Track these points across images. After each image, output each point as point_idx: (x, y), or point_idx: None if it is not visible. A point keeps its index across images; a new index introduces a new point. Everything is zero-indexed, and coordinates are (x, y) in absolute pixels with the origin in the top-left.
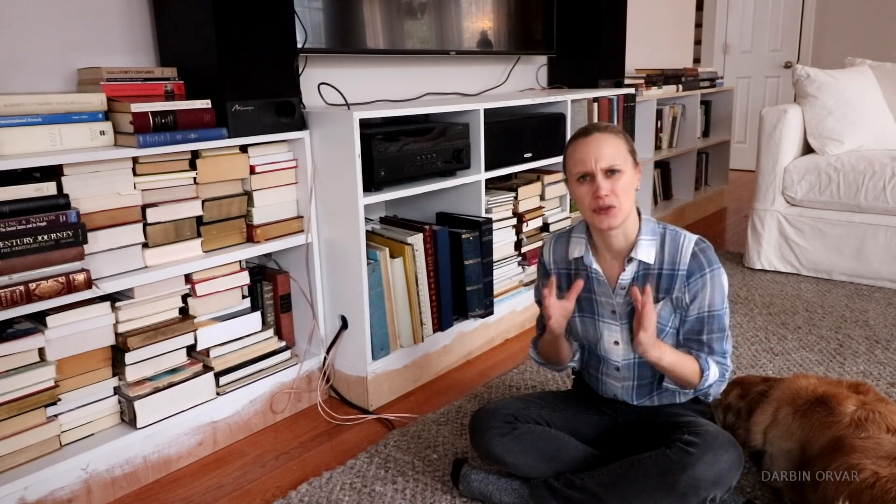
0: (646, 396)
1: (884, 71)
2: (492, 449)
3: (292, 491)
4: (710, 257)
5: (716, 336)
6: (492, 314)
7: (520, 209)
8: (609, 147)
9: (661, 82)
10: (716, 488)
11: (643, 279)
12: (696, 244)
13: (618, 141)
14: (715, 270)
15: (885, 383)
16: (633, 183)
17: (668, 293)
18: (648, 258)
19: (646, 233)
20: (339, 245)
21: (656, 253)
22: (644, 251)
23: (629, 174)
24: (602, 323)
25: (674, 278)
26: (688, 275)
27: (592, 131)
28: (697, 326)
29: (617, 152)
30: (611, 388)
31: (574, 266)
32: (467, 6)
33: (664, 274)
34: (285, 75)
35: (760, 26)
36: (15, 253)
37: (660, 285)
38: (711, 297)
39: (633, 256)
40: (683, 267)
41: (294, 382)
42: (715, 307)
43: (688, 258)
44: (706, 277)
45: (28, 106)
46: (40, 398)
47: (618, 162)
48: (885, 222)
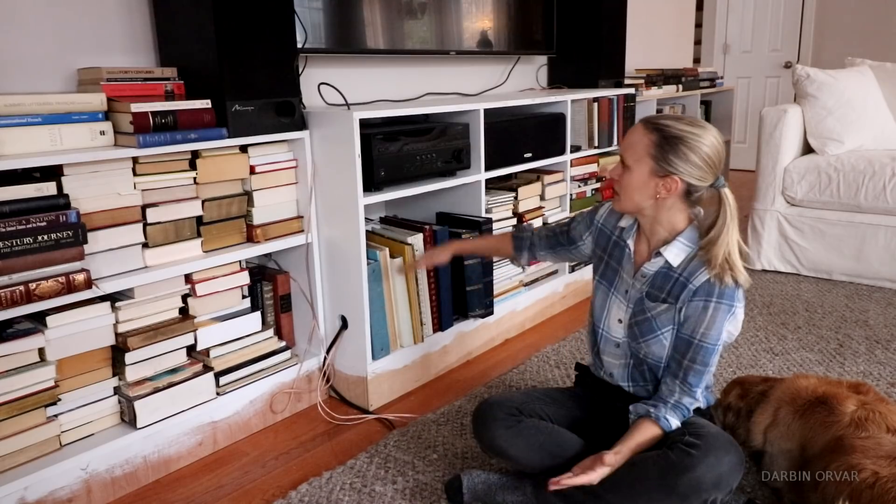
0: (640, 382)
1: (884, 71)
2: (495, 441)
3: (292, 491)
4: (724, 292)
5: (696, 367)
6: (492, 314)
7: (520, 209)
8: (633, 138)
9: (661, 82)
10: (717, 490)
11: (663, 278)
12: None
13: (645, 140)
14: (723, 306)
15: (885, 383)
16: (638, 185)
17: (675, 301)
18: (674, 260)
19: (685, 237)
20: (339, 245)
21: (684, 259)
22: (673, 252)
23: (638, 175)
24: (614, 297)
25: (684, 288)
26: (694, 292)
27: (641, 119)
28: (683, 348)
29: (636, 148)
30: (609, 367)
31: (617, 234)
32: (467, 6)
33: (679, 281)
34: (285, 75)
35: (760, 26)
36: (15, 253)
37: (672, 290)
38: (708, 326)
39: (661, 251)
40: (696, 283)
41: (294, 382)
42: (707, 339)
43: (703, 278)
44: (710, 305)
45: (28, 106)
46: (40, 398)
47: (629, 156)
48: (885, 222)
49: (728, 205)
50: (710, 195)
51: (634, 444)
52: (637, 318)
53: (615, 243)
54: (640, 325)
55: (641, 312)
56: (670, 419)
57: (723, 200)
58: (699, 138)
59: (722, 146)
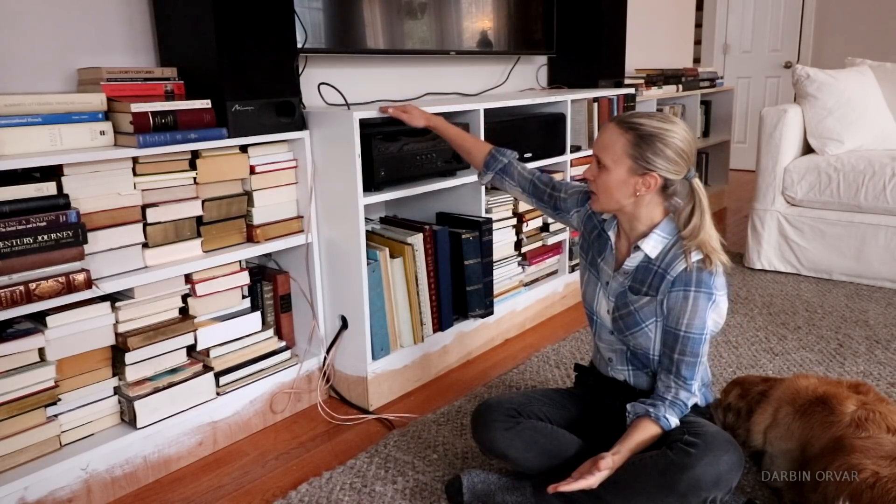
0: (639, 367)
1: (884, 71)
2: (494, 443)
3: (292, 491)
4: (701, 279)
5: (687, 360)
6: (492, 314)
7: (520, 209)
8: (606, 138)
9: (661, 82)
10: (716, 489)
11: (644, 271)
12: (697, 262)
13: (620, 138)
14: (700, 293)
15: (885, 383)
16: (617, 185)
17: (656, 293)
18: (652, 252)
19: (661, 229)
20: (339, 245)
21: (662, 251)
22: (651, 244)
23: (616, 174)
24: (600, 288)
25: (663, 280)
26: (673, 282)
27: (613, 119)
28: (671, 342)
29: (609, 148)
30: (605, 352)
31: (600, 226)
32: (467, 6)
33: (658, 273)
34: (285, 75)
35: (760, 26)
36: (15, 253)
37: (652, 282)
38: (691, 317)
39: (639, 245)
40: (673, 273)
41: (294, 382)
42: (692, 329)
43: (680, 268)
44: (689, 294)
45: (28, 106)
46: (40, 398)
47: (606, 157)
48: (885, 222)
49: (702, 194)
50: (683, 186)
51: (633, 444)
52: (621, 312)
53: (599, 234)
54: (625, 318)
55: (625, 306)
56: (669, 418)
57: (695, 190)
58: (672, 133)
59: (693, 138)
